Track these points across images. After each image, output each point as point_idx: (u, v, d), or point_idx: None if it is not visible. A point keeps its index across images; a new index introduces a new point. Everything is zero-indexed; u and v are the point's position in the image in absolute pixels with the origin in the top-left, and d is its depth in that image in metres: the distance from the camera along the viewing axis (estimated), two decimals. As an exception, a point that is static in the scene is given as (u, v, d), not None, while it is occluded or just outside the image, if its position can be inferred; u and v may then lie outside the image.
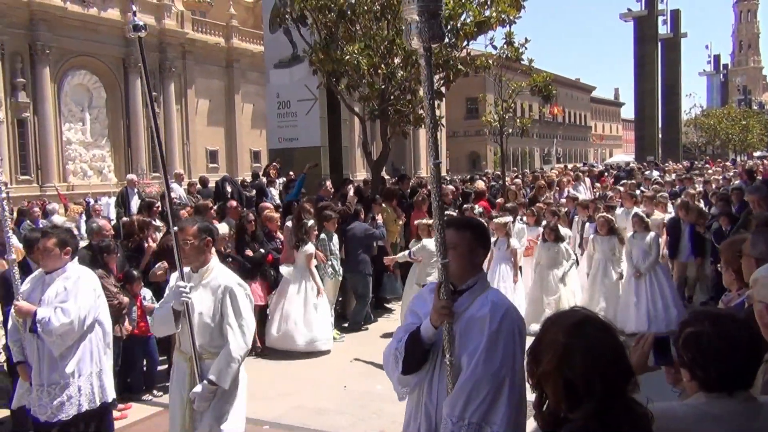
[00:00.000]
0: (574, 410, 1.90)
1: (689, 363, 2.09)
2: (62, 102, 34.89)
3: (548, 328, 2.07)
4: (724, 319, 2.12)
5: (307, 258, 8.78)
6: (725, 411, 2.05)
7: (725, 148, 70.75)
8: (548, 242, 9.64)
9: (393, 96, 13.29)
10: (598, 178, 21.91)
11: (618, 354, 2.00)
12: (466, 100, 64.26)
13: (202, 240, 4.20)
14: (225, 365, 4.07)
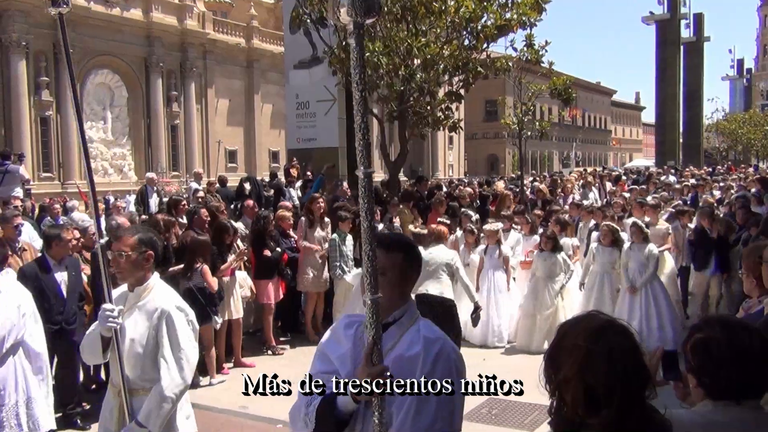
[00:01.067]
0: (592, 416, 1.86)
1: (697, 369, 2.06)
2: (84, 101, 35.26)
3: (567, 332, 2.02)
4: (736, 326, 2.08)
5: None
6: (733, 419, 2.01)
7: (748, 153, 69.91)
8: (545, 252, 9.06)
9: (412, 98, 13.29)
10: (616, 182, 21.67)
11: (638, 359, 1.96)
12: (485, 103, 64.09)
13: (142, 253, 3.60)
14: (155, 406, 3.47)
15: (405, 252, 2.57)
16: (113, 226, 7.50)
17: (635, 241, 8.75)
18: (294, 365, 8.33)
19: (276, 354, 8.83)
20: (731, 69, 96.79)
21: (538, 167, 63.59)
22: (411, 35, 12.69)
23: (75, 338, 6.26)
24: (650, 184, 18.96)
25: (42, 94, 32.88)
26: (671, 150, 53.62)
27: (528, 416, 6.41)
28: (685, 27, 56.50)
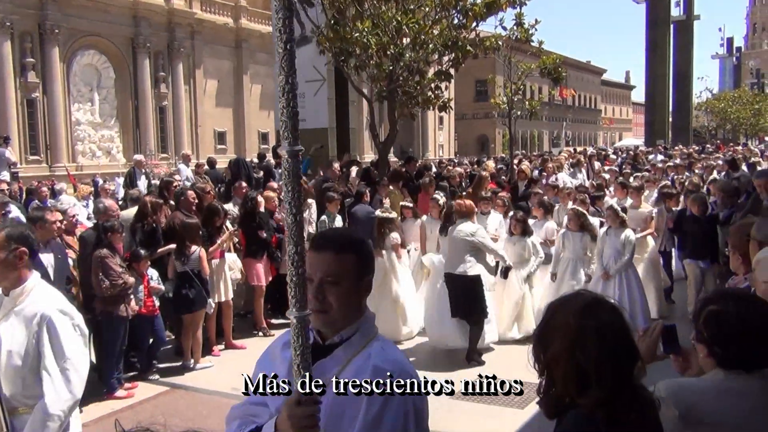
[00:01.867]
0: (582, 395, 1.87)
1: (709, 340, 2.13)
2: (71, 82, 34.87)
3: (556, 310, 2.03)
4: (747, 299, 2.17)
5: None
6: (743, 386, 2.09)
7: (736, 132, 70.14)
8: (515, 236, 8.60)
9: (401, 77, 13.22)
10: (604, 161, 21.62)
11: (628, 337, 1.98)
12: (475, 83, 63.85)
13: (12, 251, 3.13)
14: (39, 426, 3.02)
15: (358, 252, 2.06)
16: (101, 209, 7.46)
17: (611, 226, 8.26)
18: (285, 346, 8.36)
19: (267, 336, 8.83)
20: (721, 47, 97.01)
21: (528, 147, 63.61)
22: (400, 13, 12.60)
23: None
24: (638, 164, 18.74)
25: (28, 76, 32.45)
26: (661, 129, 53.72)
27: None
28: (675, 5, 56.40)
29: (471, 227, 7.66)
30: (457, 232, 7.60)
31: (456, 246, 7.61)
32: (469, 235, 7.51)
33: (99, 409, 6.44)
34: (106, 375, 6.76)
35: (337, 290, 1.97)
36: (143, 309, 7.00)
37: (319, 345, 2.01)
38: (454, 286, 7.60)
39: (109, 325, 6.64)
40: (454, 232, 7.63)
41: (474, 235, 7.54)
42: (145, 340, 7.25)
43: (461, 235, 7.54)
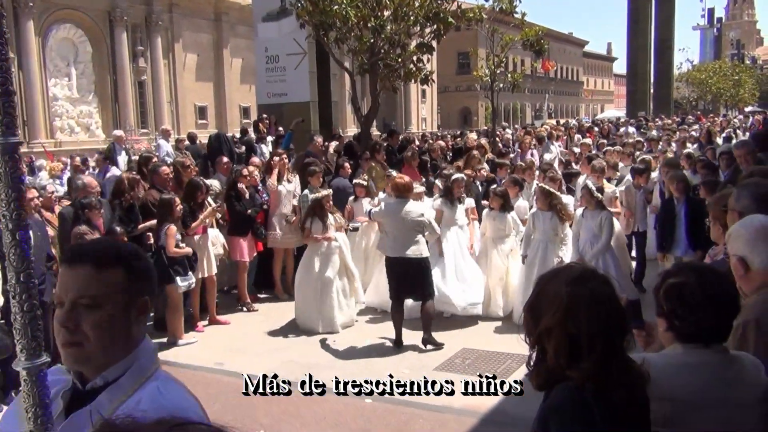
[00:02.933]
0: (572, 368, 1.88)
1: (668, 313, 2.11)
2: (47, 57, 34.26)
3: (548, 282, 2.03)
4: (707, 272, 2.15)
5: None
6: (701, 361, 2.09)
7: (717, 103, 70.58)
8: (494, 211, 8.32)
9: (382, 50, 13.12)
10: (585, 134, 21.17)
11: (619, 307, 1.99)
12: (457, 55, 63.61)
13: None
14: None
15: (128, 266, 1.62)
16: (79, 185, 7.38)
17: (587, 207, 7.56)
18: (269, 321, 8.38)
19: (251, 311, 8.85)
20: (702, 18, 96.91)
21: (510, 120, 63.60)
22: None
23: (45, 298, 6.20)
24: (606, 138, 17.66)
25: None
26: (642, 101, 53.84)
27: (501, 365, 6.53)
28: (657, -25, 56.17)
29: (420, 207, 7.40)
30: (405, 213, 7.15)
31: (405, 227, 7.16)
32: (420, 215, 7.21)
33: (83, 386, 6.43)
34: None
35: (96, 316, 1.54)
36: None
37: (80, 390, 1.58)
38: (404, 270, 7.17)
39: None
40: (402, 213, 7.14)
41: (424, 216, 7.27)
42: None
43: (412, 216, 7.15)
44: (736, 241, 2.52)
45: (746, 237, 2.50)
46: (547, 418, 1.87)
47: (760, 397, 2.10)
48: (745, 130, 24.09)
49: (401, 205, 7.19)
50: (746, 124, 26.55)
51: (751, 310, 2.40)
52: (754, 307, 2.41)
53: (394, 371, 6.48)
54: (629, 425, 1.89)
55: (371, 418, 5.39)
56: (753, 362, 2.17)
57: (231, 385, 6.33)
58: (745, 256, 2.47)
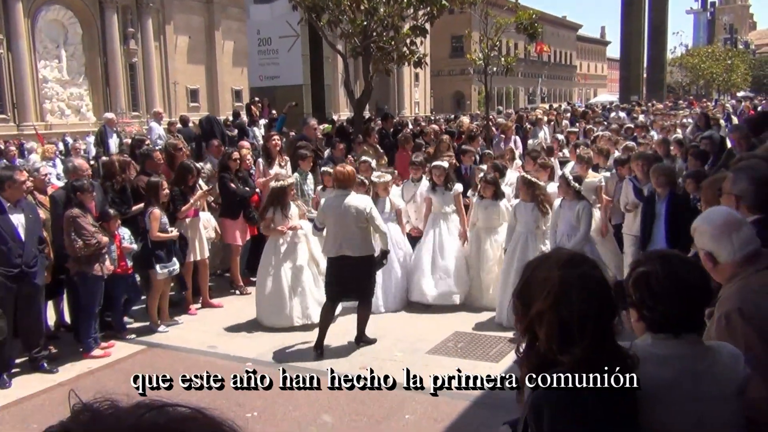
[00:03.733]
0: (564, 353, 1.87)
1: (637, 303, 2.08)
2: (36, 39, 33.91)
3: (536, 267, 2.01)
4: (675, 260, 2.10)
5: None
6: (671, 352, 2.04)
7: (709, 88, 70.64)
8: (486, 199, 7.91)
9: (375, 33, 13.03)
10: (582, 117, 20.60)
11: (609, 290, 1.98)
12: (451, 38, 63.34)
13: None
14: None
15: None
16: (70, 168, 7.33)
17: (565, 198, 7.20)
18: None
19: (243, 294, 8.83)
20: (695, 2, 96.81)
21: (504, 104, 63.51)
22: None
23: (37, 281, 6.19)
24: (588, 123, 16.53)
25: (-10, 32, 31.55)
26: (635, 85, 53.83)
27: (493, 348, 6.56)
28: (651, -42, 55.94)
29: (363, 201, 6.65)
30: (346, 207, 6.46)
31: (346, 223, 6.45)
32: (362, 210, 6.48)
33: (76, 369, 6.43)
34: (82, 335, 6.73)
35: None
36: (118, 269, 6.93)
37: None
38: (344, 270, 6.50)
39: (84, 286, 6.58)
40: (342, 207, 6.45)
41: (368, 210, 6.52)
42: (119, 300, 7.20)
43: (353, 211, 6.45)
44: (701, 236, 2.52)
45: (710, 232, 2.50)
46: (541, 405, 1.86)
47: (735, 390, 2.05)
48: (736, 116, 23.93)
49: (341, 198, 6.52)
50: (738, 109, 26.48)
51: (731, 300, 2.40)
52: (733, 297, 2.40)
53: (386, 355, 6.51)
54: (620, 409, 1.89)
55: (365, 400, 5.41)
56: (730, 354, 2.11)
57: (224, 367, 6.34)
58: (711, 250, 2.47)
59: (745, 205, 3.14)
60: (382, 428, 5.01)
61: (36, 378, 6.19)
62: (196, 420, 0.77)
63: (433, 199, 8.29)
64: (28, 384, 6.06)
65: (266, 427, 5.02)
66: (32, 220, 6.21)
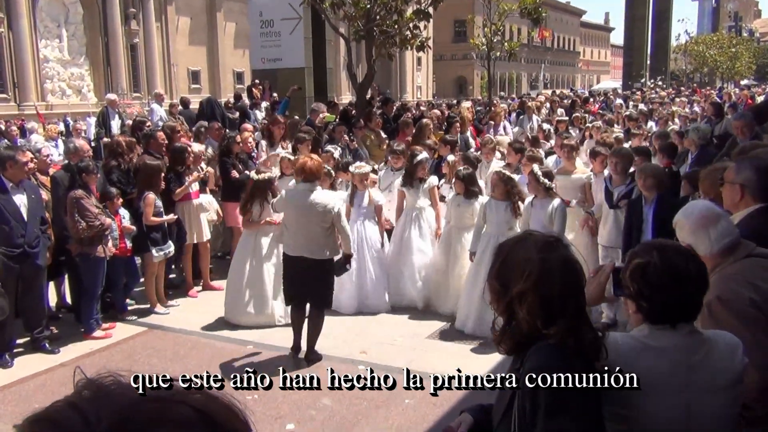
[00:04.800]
0: (548, 327, 1.90)
1: (635, 294, 2.09)
2: (37, 18, 33.72)
3: (512, 249, 2.04)
4: (672, 250, 2.11)
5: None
6: (667, 344, 2.05)
7: (713, 75, 70.34)
8: (459, 196, 7.21)
9: (378, 16, 12.96)
10: (584, 104, 20.06)
11: (582, 271, 2.04)
12: (454, 23, 63.01)
13: None
14: None
15: None
16: (71, 149, 7.32)
17: (537, 196, 6.61)
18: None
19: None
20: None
21: (506, 89, 63.29)
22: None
23: (39, 261, 6.20)
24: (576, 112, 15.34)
25: (-9, 11, 31.37)
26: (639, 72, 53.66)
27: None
28: (657, -56, 55.56)
29: (329, 197, 5.97)
30: (311, 204, 5.74)
31: (309, 220, 5.78)
32: (328, 207, 5.79)
33: (78, 349, 6.46)
34: (84, 316, 6.76)
35: None
36: (117, 251, 6.94)
37: None
38: (300, 273, 5.87)
39: (87, 267, 6.60)
40: (307, 202, 5.75)
41: (334, 208, 5.84)
42: (119, 281, 7.22)
43: (318, 208, 5.74)
44: (681, 230, 2.58)
45: (688, 226, 2.56)
46: (540, 376, 1.86)
47: (730, 381, 2.06)
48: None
49: (306, 193, 5.80)
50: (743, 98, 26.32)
51: (711, 290, 2.36)
52: (712, 287, 2.37)
53: (388, 339, 6.54)
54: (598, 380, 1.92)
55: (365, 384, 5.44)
56: (728, 344, 2.12)
57: (224, 349, 6.38)
58: (691, 244, 2.49)
59: (750, 193, 3.13)
60: (381, 412, 5.05)
61: (38, 358, 6.22)
62: (200, 393, 0.79)
63: (406, 193, 7.70)
64: (30, 364, 6.10)
65: (267, 409, 5.06)
66: (35, 201, 6.22)
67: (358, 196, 7.46)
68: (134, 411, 0.73)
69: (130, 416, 0.72)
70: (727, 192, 3.21)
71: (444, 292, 7.28)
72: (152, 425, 0.72)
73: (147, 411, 0.73)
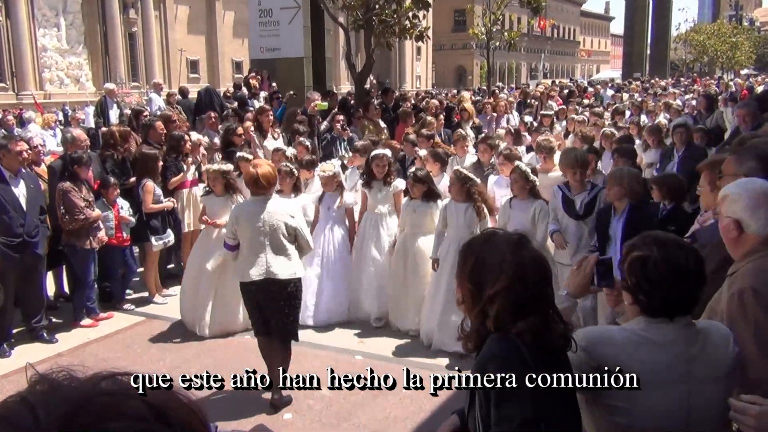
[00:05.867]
0: (518, 322, 1.91)
1: (633, 287, 2.09)
2: (35, 6, 33.59)
3: (482, 249, 2.04)
4: (672, 244, 2.11)
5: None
6: (664, 337, 2.06)
7: (713, 65, 70.17)
8: (415, 200, 6.35)
9: (377, 5, 12.93)
10: (584, 92, 20.00)
11: (550, 267, 2.06)
12: (453, 12, 62.78)
13: None
14: None
15: None
16: (68, 139, 7.30)
17: (516, 196, 6.03)
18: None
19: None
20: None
21: (506, 79, 63.13)
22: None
23: (38, 251, 6.20)
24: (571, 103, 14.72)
25: (-11, -1, 31.24)
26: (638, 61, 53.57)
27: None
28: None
29: (287, 207, 5.14)
30: (266, 217, 4.91)
31: (265, 236, 4.92)
32: (286, 218, 4.99)
33: (75, 339, 6.47)
34: (74, 304, 6.79)
35: None
36: (114, 240, 6.93)
37: None
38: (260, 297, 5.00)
39: (75, 258, 6.61)
40: (261, 216, 4.91)
41: (294, 219, 5.05)
42: (117, 271, 7.23)
43: (274, 220, 4.92)
44: (734, 204, 2.43)
45: (746, 200, 2.40)
46: (485, 366, 1.89)
47: (725, 371, 2.09)
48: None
49: (260, 205, 4.98)
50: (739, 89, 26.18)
51: (747, 277, 2.36)
52: (749, 275, 2.36)
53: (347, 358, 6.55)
54: (560, 371, 1.91)
55: (362, 373, 5.45)
56: (721, 334, 2.15)
57: (221, 339, 6.39)
58: (741, 219, 2.40)
59: None
60: (379, 401, 5.06)
61: (36, 347, 6.24)
62: (161, 391, 0.79)
63: (368, 196, 6.83)
64: (28, 353, 6.10)
65: (264, 400, 5.08)
66: (33, 190, 6.22)
67: (328, 198, 6.83)
68: (85, 405, 0.72)
69: (80, 410, 0.72)
70: (725, 184, 3.18)
71: (404, 307, 6.44)
72: (103, 419, 0.71)
73: (98, 405, 0.73)
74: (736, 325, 2.29)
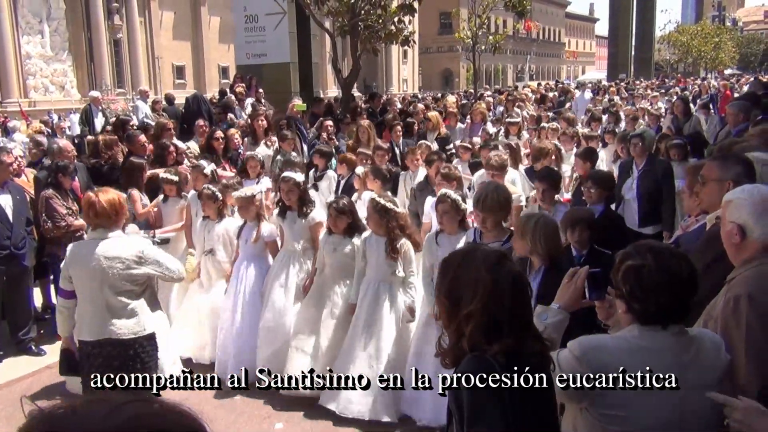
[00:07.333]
0: (493, 343, 1.93)
1: (627, 295, 2.11)
2: (19, 13, 33.35)
3: (460, 266, 2.05)
4: (665, 253, 2.12)
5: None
6: (658, 344, 2.08)
7: (697, 65, 70.74)
8: (333, 235, 5.19)
9: (363, 11, 12.95)
10: (563, 97, 19.58)
11: (528, 285, 2.08)
12: (439, 15, 62.95)
13: None
14: None
15: None
16: (55, 149, 7.25)
17: (442, 231, 4.87)
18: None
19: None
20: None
21: (492, 81, 63.35)
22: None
23: (25, 263, 6.16)
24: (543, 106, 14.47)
25: (-29, 6, 30.98)
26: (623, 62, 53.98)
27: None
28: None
29: (125, 246, 3.91)
30: (97, 260, 3.81)
31: (99, 283, 3.85)
32: (133, 263, 3.87)
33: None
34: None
35: None
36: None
37: None
38: (109, 365, 3.87)
39: (56, 267, 6.56)
40: (94, 258, 3.81)
41: (144, 261, 3.91)
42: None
43: (106, 264, 3.81)
44: (737, 208, 2.42)
45: (752, 205, 2.40)
46: (459, 384, 1.91)
47: (716, 378, 2.11)
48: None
49: (92, 245, 3.88)
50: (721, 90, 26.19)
51: (744, 284, 2.36)
52: (747, 282, 2.37)
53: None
54: (533, 391, 1.93)
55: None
56: (713, 342, 2.17)
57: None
58: (745, 224, 2.40)
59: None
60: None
61: (24, 360, 6.19)
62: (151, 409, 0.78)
63: (283, 228, 5.63)
64: (16, 366, 6.06)
65: (255, 409, 5.07)
66: (19, 202, 6.18)
67: (246, 230, 5.67)
68: None
69: None
70: (712, 190, 3.12)
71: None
72: None
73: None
74: (728, 330, 2.31)
